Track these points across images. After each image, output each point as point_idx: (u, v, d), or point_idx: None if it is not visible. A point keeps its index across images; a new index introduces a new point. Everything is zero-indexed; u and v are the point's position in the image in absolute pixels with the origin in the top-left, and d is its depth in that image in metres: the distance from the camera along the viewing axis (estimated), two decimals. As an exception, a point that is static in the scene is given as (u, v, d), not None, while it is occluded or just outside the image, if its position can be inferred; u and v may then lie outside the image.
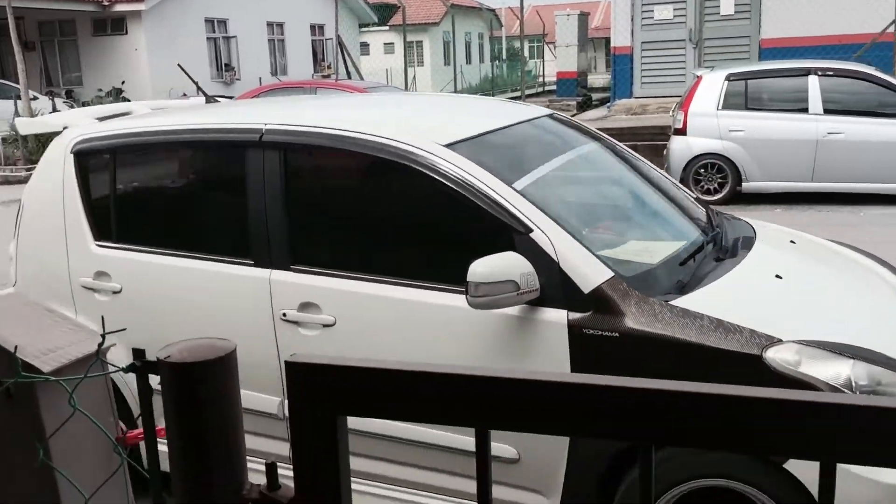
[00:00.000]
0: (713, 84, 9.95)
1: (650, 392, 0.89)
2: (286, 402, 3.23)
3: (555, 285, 2.79)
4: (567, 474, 2.85)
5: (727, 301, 2.91)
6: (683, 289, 2.99)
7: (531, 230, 2.86)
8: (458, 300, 2.91)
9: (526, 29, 33.92)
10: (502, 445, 2.92)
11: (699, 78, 10.26)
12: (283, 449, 3.31)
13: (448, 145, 3.12)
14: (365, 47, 32.92)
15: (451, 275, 3.12)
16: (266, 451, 3.34)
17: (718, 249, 3.43)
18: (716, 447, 0.87)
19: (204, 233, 3.68)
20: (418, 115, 3.95)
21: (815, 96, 9.47)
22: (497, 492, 2.95)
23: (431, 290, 3.03)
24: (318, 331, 3.15)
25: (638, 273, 2.98)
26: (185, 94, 19.01)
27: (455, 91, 26.87)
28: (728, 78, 9.94)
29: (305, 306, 3.17)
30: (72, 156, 3.74)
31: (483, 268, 2.72)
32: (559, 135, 3.92)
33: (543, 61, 34.09)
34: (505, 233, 2.91)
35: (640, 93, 17.66)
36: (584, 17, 19.92)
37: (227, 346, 1.11)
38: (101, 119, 4.05)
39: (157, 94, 19.74)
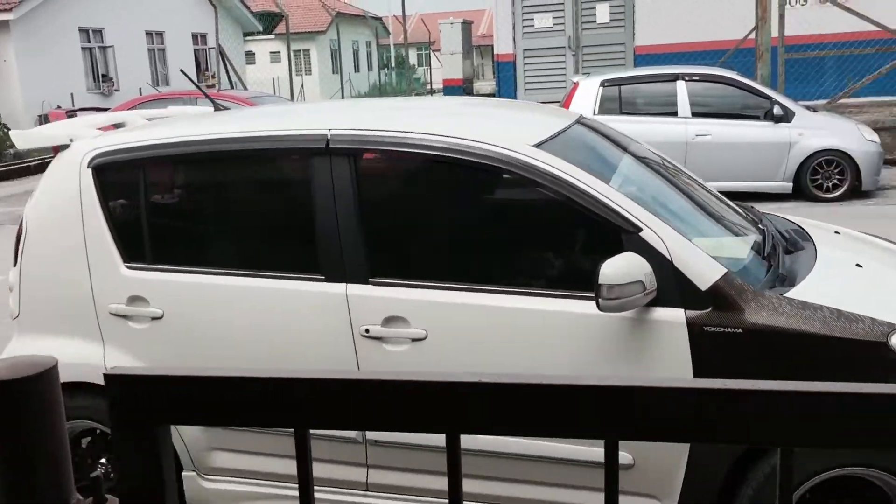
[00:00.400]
0: (589, 90, 10.30)
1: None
2: None
3: (669, 284, 2.73)
4: (686, 478, 2.79)
5: (831, 291, 2.91)
6: (784, 281, 2.99)
7: (640, 229, 2.78)
8: (566, 305, 2.85)
9: (412, 37, 34.09)
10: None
11: (576, 84, 10.60)
12: (362, 476, 3.14)
13: (536, 145, 3.01)
14: (251, 56, 32.39)
15: (555, 279, 3.05)
16: (344, 479, 3.14)
17: (784, 242, 3.44)
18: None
19: (262, 248, 3.39)
20: (483, 115, 3.75)
21: (683, 100, 9.93)
22: None
23: (535, 296, 2.92)
24: (407, 346, 2.97)
25: (741, 268, 2.95)
26: (59, 107, 18.23)
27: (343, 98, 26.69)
28: (603, 84, 10.30)
29: (390, 320, 2.98)
30: (89, 171, 3.34)
31: (612, 269, 2.64)
32: (605, 137, 3.81)
33: (430, 69, 34.39)
34: (612, 233, 2.83)
35: (524, 98, 18.08)
36: (467, 26, 20.25)
37: (48, 362, 1.11)
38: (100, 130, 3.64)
39: (29, 107, 18.87)
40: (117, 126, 3.73)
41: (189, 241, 3.50)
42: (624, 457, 2.81)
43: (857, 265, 3.32)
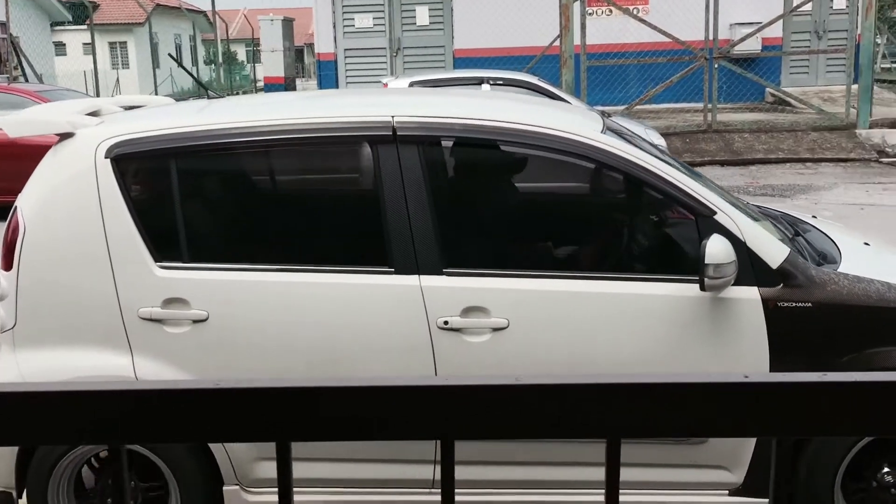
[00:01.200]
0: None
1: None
2: None
3: (744, 263, 2.84)
4: (756, 450, 2.95)
5: (867, 266, 3.12)
6: (826, 258, 3.19)
7: (715, 212, 2.90)
8: (651, 287, 2.93)
9: (240, 33, 33.08)
10: None
11: (385, 85, 10.66)
12: (429, 473, 3.03)
13: (602, 133, 3.06)
14: (61, 47, 30.43)
15: (637, 262, 3.11)
16: (411, 478, 3.04)
17: (788, 224, 3.60)
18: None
19: (322, 242, 3.23)
20: (538, 106, 3.71)
21: (487, 104, 10.22)
22: (685, 475, 3.04)
23: (619, 280, 2.98)
24: (488, 336, 2.91)
25: (794, 247, 3.09)
26: None
27: (171, 94, 25.53)
28: (410, 85, 10.42)
29: (469, 311, 2.92)
30: (108, 162, 3.01)
31: (717, 250, 2.72)
32: (619, 134, 3.78)
33: (255, 65, 33.65)
34: (688, 217, 2.96)
35: (346, 99, 18.01)
36: (288, 23, 19.92)
37: None
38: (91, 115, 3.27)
39: None
40: (92, 114, 3.34)
41: (238, 236, 3.30)
42: None
43: (866, 244, 3.58)
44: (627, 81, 16.40)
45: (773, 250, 2.94)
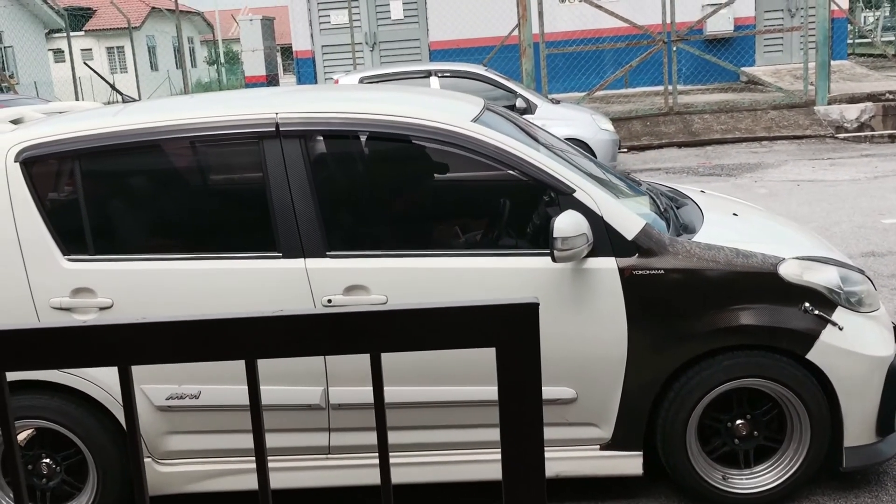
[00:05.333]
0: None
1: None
2: (329, 389, 3.24)
3: (601, 236, 3.13)
4: (621, 405, 3.23)
5: (724, 235, 3.42)
6: (686, 229, 3.48)
7: (574, 190, 3.19)
8: (516, 262, 3.21)
9: (237, 34, 33.20)
10: (562, 388, 3.21)
11: (336, 81, 10.91)
12: (324, 440, 3.31)
13: (473, 121, 3.33)
14: (60, 54, 30.92)
15: (502, 239, 3.37)
16: (307, 446, 3.30)
17: (669, 200, 3.89)
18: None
19: (213, 231, 3.49)
20: (416, 97, 4.00)
21: (434, 95, 10.42)
22: (558, 432, 3.27)
23: (485, 256, 3.26)
24: None
25: (651, 220, 3.36)
26: None
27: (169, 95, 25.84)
28: (361, 81, 10.65)
29: (351, 290, 3.18)
30: (18, 166, 3.28)
31: (564, 224, 3.00)
32: (507, 119, 3.94)
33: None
34: (550, 195, 3.26)
35: (325, 95, 18.21)
36: (268, 22, 20.17)
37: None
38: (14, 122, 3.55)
39: None
40: (15, 122, 3.63)
41: (137, 229, 3.54)
42: (568, 392, 3.24)
43: (734, 214, 3.91)
44: (601, 67, 16.48)
45: (629, 223, 3.20)
